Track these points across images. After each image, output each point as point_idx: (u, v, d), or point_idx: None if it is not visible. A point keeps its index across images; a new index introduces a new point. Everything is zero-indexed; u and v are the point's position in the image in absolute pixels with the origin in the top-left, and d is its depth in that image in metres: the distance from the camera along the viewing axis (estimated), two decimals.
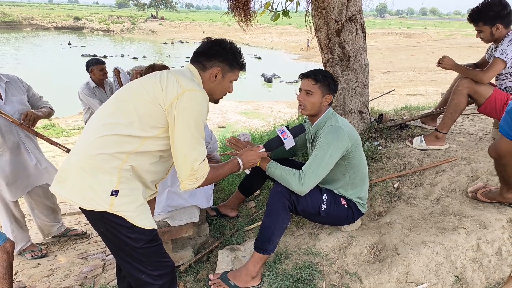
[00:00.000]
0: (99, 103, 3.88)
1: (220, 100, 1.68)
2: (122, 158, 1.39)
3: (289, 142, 1.88)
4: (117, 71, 4.00)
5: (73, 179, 1.40)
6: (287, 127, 1.92)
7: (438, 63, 2.67)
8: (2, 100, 2.61)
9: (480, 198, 2.06)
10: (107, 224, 1.41)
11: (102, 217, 1.39)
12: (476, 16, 2.48)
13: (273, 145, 1.89)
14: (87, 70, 4.01)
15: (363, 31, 3.01)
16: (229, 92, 1.66)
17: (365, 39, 3.06)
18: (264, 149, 1.87)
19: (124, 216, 1.39)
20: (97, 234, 3.24)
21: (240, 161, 1.74)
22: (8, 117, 2.58)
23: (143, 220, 1.43)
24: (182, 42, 46.55)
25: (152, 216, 1.62)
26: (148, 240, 1.46)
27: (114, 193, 1.37)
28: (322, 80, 1.96)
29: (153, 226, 1.48)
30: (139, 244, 1.44)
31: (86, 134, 1.47)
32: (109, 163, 1.38)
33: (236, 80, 1.65)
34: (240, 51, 1.62)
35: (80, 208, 1.42)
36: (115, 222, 1.40)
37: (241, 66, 1.62)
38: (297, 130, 1.92)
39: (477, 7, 2.49)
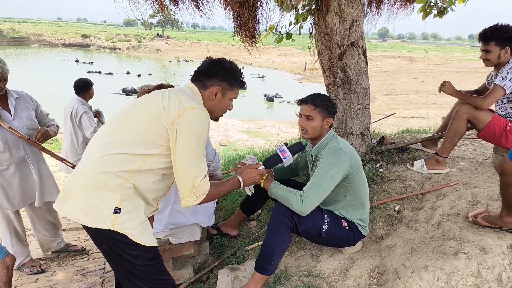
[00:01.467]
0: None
1: (220, 118, 1.72)
2: (124, 176, 1.42)
3: (287, 160, 1.91)
4: (97, 113, 4.04)
5: (77, 197, 1.43)
6: (286, 144, 1.96)
7: (440, 88, 2.73)
8: (11, 115, 2.68)
9: (480, 222, 2.07)
10: (109, 241, 1.43)
11: (105, 234, 1.41)
12: (490, 35, 2.49)
13: (272, 162, 1.92)
14: (86, 89, 3.93)
15: (365, 55, 3.09)
16: (229, 109, 1.70)
17: (367, 63, 3.14)
18: (263, 167, 1.90)
19: (126, 233, 1.41)
20: (97, 251, 3.26)
21: (240, 178, 1.76)
22: (17, 132, 2.63)
23: (145, 237, 1.45)
24: (187, 61, 47.36)
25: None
26: (149, 257, 1.47)
27: (117, 210, 1.40)
28: (321, 104, 2.00)
29: (154, 243, 1.50)
30: (140, 262, 1.45)
31: (90, 152, 1.50)
32: (112, 181, 1.40)
33: (235, 98, 1.69)
34: (240, 70, 1.66)
35: (82, 225, 1.44)
36: (117, 239, 1.41)
37: (241, 85, 1.67)
38: (295, 148, 1.95)
39: (491, 27, 2.50)
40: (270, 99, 22.11)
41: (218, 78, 1.59)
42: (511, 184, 1.76)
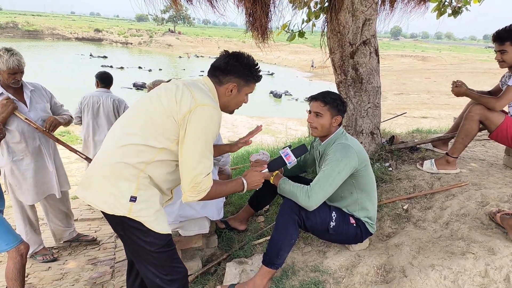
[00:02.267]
0: None
1: (236, 110, 1.73)
2: (140, 167, 1.46)
3: (291, 163, 1.91)
4: None
5: (96, 185, 1.48)
6: (290, 146, 1.97)
7: (453, 88, 2.70)
8: (27, 107, 2.74)
9: (497, 218, 2.07)
10: (125, 228, 1.49)
11: (121, 221, 1.46)
12: (506, 35, 2.44)
13: (276, 165, 1.93)
14: (112, 82, 4.09)
15: (377, 54, 3.08)
16: (244, 103, 1.72)
17: (379, 62, 3.13)
18: (267, 170, 1.89)
19: (142, 221, 1.46)
20: (108, 241, 3.34)
21: (244, 181, 1.72)
22: (33, 124, 2.70)
23: (159, 225, 1.50)
24: (198, 57, 47.51)
25: None
26: (163, 244, 1.52)
27: (133, 199, 1.44)
28: (330, 102, 2.01)
29: (168, 231, 1.54)
30: (154, 248, 1.50)
31: (108, 142, 1.55)
32: (129, 171, 1.45)
33: (251, 92, 1.70)
34: (257, 65, 1.65)
35: (101, 211, 1.49)
36: (132, 226, 1.47)
37: (257, 80, 1.67)
38: (299, 151, 1.95)
39: (506, 27, 2.47)
40: (278, 96, 22.13)
41: (234, 75, 1.59)
42: None
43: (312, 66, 37.03)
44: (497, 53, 2.53)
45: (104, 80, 4.00)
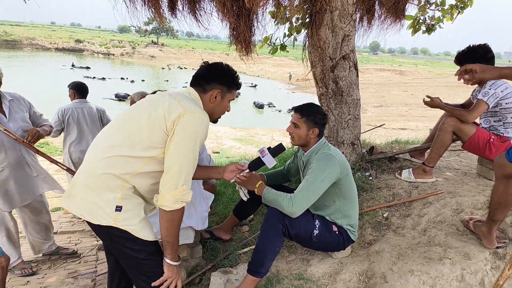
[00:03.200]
0: None
1: (219, 119, 1.78)
2: (125, 178, 1.47)
3: (268, 161, 1.98)
4: None
5: (80, 195, 1.49)
6: (269, 148, 2.03)
7: (426, 102, 2.84)
8: (6, 117, 2.70)
9: (470, 226, 2.17)
10: (111, 237, 1.49)
11: (107, 231, 1.47)
12: (462, 58, 2.66)
13: (256, 164, 2.00)
14: (87, 92, 4.07)
15: (356, 68, 3.21)
16: (227, 111, 1.77)
17: (358, 76, 3.26)
18: (248, 170, 1.99)
19: (128, 229, 1.46)
20: (89, 254, 3.27)
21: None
22: (12, 135, 2.66)
23: (146, 232, 1.51)
24: (181, 68, 47.45)
25: None
26: (151, 252, 1.53)
27: (118, 208, 1.45)
28: (307, 115, 2.10)
29: (155, 238, 1.55)
30: (143, 255, 1.51)
31: (93, 153, 1.55)
32: (113, 182, 1.46)
33: (233, 99, 1.76)
34: (236, 72, 1.74)
35: (87, 221, 1.49)
36: (119, 235, 1.47)
37: (238, 86, 1.75)
38: (276, 150, 2.02)
39: (463, 50, 2.69)
40: (260, 106, 22.48)
41: (217, 81, 1.65)
42: (499, 184, 1.83)
43: (290, 78, 37.92)
44: None
45: (82, 91, 3.96)
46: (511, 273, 1.49)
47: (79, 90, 3.95)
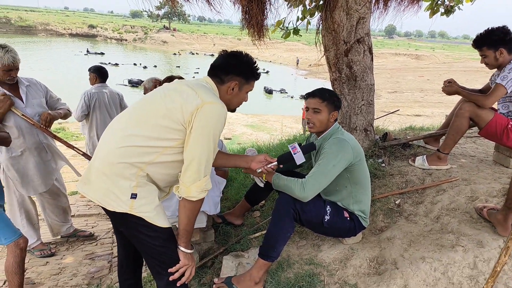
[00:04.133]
0: None
1: (237, 109, 1.77)
2: (140, 167, 1.48)
3: (298, 158, 1.97)
4: None
5: (97, 182, 1.51)
6: (300, 144, 2.02)
7: (444, 88, 2.78)
8: (24, 102, 2.75)
9: (484, 214, 2.14)
10: (126, 224, 1.52)
11: (123, 217, 1.49)
12: (480, 41, 2.59)
13: (284, 159, 2.00)
14: (107, 77, 4.14)
15: (371, 52, 3.14)
16: (244, 101, 1.75)
17: (372, 60, 3.19)
18: (276, 163, 1.98)
19: (143, 216, 1.48)
20: (105, 237, 3.36)
21: None
22: (30, 120, 2.72)
23: (160, 219, 1.52)
24: (193, 54, 47.29)
25: None
26: (165, 238, 1.55)
27: (133, 196, 1.47)
28: (328, 98, 2.07)
29: (170, 225, 1.57)
30: (158, 242, 1.53)
31: (109, 140, 1.54)
32: (128, 170, 1.47)
33: (251, 90, 1.74)
34: (255, 63, 1.69)
35: (102, 207, 1.52)
36: (134, 222, 1.50)
37: (257, 78, 1.71)
38: (307, 148, 2.01)
39: (481, 33, 2.61)
40: (269, 92, 22.42)
41: (235, 73, 1.62)
42: None
43: (298, 63, 37.61)
44: (481, 57, 2.66)
45: (103, 75, 4.04)
46: (507, 259, 1.47)
47: (100, 74, 4.01)
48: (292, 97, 21.38)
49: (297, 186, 1.92)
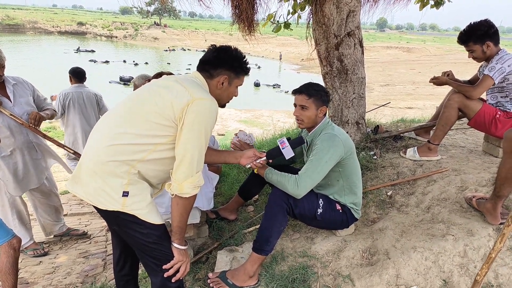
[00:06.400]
0: None
1: (227, 104, 1.75)
2: (131, 164, 1.47)
3: (287, 153, 1.95)
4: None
5: (87, 181, 1.48)
6: (288, 138, 2.01)
7: (432, 80, 2.81)
8: (11, 102, 2.71)
9: (473, 203, 2.18)
10: (119, 222, 1.50)
11: (115, 215, 1.48)
12: (465, 38, 2.62)
13: (273, 154, 1.98)
14: (85, 77, 4.23)
15: (361, 45, 3.15)
16: (234, 96, 1.74)
17: (363, 54, 3.20)
18: (265, 158, 1.96)
19: (136, 213, 1.47)
20: (99, 235, 3.35)
21: None
22: (18, 119, 2.68)
23: (153, 216, 1.51)
24: (184, 50, 46.91)
25: None
26: (158, 235, 1.54)
27: (125, 194, 1.46)
28: (314, 94, 2.07)
29: (162, 222, 1.56)
30: (152, 239, 1.52)
31: (98, 139, 1.52)
32: (119, 168, 1.45)
33: (241, 85, 1.72)
34: (245, 57, 1.68)
35: (94, 206, 1.51)
36: (127, 220, 1.48)
37: (246, 72, 1.70)
38: (296, 142, 2.00)
39: (464, 29, 2.63)
40: (256, 85, 22.77)
41: (225, 67, 1.61)
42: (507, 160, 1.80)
43: (280, 58, 37.85)
44: (468, 52, 2.68)
45: (78, 75, 4.16)
46: (502, 246, 1.50)
47: (75, 75, 4.15)
48: (287, 92, 21.36)
49: (291, 182, 1.93)
